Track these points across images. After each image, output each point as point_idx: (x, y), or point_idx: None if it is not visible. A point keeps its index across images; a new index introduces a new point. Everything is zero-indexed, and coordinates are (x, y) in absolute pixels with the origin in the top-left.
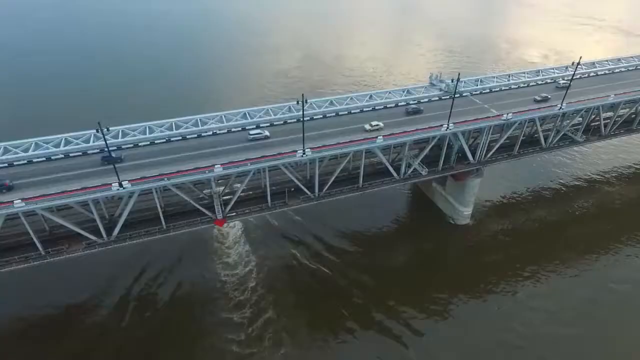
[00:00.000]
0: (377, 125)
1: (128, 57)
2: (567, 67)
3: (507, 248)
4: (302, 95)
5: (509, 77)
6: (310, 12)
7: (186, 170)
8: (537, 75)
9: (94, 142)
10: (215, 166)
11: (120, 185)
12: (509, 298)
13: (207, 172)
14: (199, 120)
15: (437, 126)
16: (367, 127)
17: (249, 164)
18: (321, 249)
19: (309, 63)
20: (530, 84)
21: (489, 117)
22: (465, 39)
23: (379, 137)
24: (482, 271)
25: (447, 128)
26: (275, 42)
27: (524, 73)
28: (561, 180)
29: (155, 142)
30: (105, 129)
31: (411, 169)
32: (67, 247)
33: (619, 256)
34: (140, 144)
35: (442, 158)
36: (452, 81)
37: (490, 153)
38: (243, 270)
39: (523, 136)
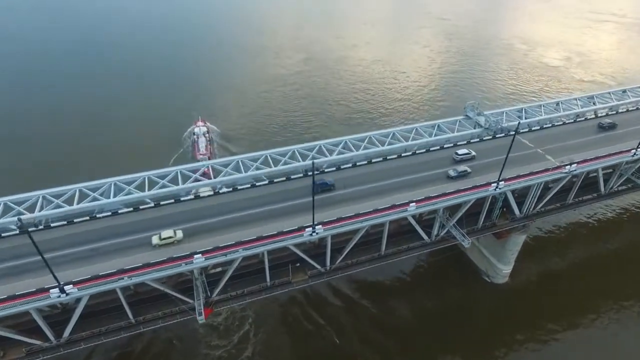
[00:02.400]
0: (169, 237)
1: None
2: (625, 91)
3: (548, 307)
4: (313, 163)
5: (558, 105)
6: (310, 12)
7: (155, 264)
8: (591, 103)
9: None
10: (195, 257)
11: (62, 290)
12: None
13: (183, 264)
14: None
15: (483, 185)
16: (155, 240)
17: (241, 250)
18: (330, 298)
19: (310, 67)
20: (588, 116)
21: (548, 169)
22: (476, 39)
23: (411, 204)
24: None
25: (497, 187)
26: (274, 43)
27: (576, 99)
28: (601, 211)
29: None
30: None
31: (445, 230)
32: (2, 355)
33: None
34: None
35: (484, 214)
36: (506, 125)
37: (541, 204)
38: (238, 335)
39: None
